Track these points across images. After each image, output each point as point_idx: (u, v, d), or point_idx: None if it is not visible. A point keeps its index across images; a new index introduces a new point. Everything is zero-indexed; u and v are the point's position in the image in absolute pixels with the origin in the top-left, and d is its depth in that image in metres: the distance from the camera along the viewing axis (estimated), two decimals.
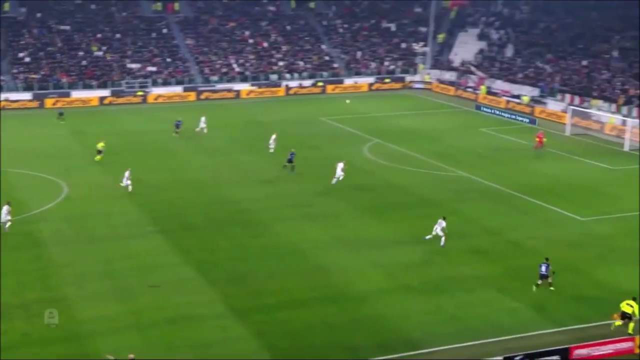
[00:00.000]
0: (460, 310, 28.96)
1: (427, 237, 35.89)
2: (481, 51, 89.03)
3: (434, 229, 35.72)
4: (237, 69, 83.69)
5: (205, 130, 59.09)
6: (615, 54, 72.81)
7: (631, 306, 27.67)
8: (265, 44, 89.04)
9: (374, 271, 32.69)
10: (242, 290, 30.64)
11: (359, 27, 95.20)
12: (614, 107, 64.29)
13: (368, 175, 48.50)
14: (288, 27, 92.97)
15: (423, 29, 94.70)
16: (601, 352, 25.41)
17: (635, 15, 76.47)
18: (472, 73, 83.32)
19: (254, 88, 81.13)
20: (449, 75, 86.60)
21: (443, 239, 35.23)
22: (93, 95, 74.89)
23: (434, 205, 41.84)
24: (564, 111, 66.25)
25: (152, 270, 32.34)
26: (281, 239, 36.51)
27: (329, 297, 30.15)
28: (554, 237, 36.77)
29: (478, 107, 73.40)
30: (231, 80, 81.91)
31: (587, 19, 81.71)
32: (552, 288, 30.85)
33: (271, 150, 52.71)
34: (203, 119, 60.02)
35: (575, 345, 25.50)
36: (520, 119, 67.78)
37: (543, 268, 31.17)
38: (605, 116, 62.73)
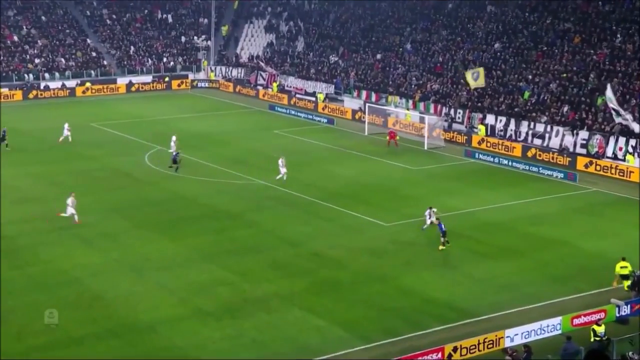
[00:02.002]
0: (262, 333, 29.10)
1: (424, 227, 38.89)
2: (270, 45, 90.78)
3: (427, 219, 38.59)
4: None
5: (70, 139, 57.19)
6: (408, 46, 77.38)
7: (626, 267, 31.87)
8: (16, 38, 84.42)
9: (162, 296, 32.02)
10: (3, 331, 28.68)
11: (130, 18, 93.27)
12: (411, 103, 68.23)
13: (151, 187, 47.61)
14: (43, 18, 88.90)
15: (204, 21, 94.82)
16: None
17: (425, 6, 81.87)
18: (262, 69, 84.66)
19: None
20: (237, 72, 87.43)
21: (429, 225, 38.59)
22: None
23: (228, 217, 41.89)
24: (361, 109, 69.32)
25: None
26: (50, 267, 34.76)
27: (111, 331, 29.09)
28: (358, 245, 38.08)
29: (272, 107, 74.74)
30: None
31: (378, 9, 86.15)
32: (444, 247, 36.94)
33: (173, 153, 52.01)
34: (66, 125, 57.67)
35: None
36: (318, 118, 69.88)
37: (443, 226, 36.83)
38: (403, 113, 66.41)
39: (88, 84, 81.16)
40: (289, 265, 35.57)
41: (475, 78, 62.60)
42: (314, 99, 75.30)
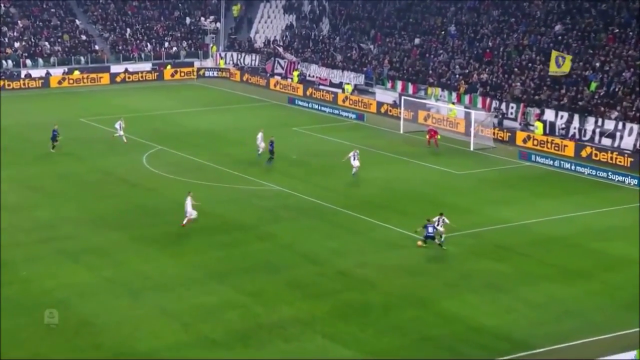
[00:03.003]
0: None
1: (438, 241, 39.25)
2: (290, 27, 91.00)
3: (437, 224, 38.99)
4: None
5: (124, 139, 57.63)
6: (452, 29, 77.18)
7: None
8: None
9: (162, 321, 32.06)
10: None
11: None
12: (455, 95, 68.00)
13: (149, 193, 47.84)
14: None
15: None
16: None
17: None
18: (280, 56, 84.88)
19: None
20: (251, 60, 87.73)
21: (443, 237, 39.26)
22: None
23: (239, 229, 41.96)
24: (396, 102, 69.19)
25: None
26: (32, 286, 34.89)
27: None
28: (391, 262, 37.97)
29: (291, 101, 74.95)
30: None
31: None
32: (444, 248, 38.69)
33: (260, 151, 54.75)
34: (120, 122, 58.16)
35: None
36: (345, 114, 69.93)
37: (430, 229, 38.46)
38: (445, 107, 66.22)
39: (76, 73, 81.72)
40: (310, 285, 35.51)
41: (559, 65, 62.58)
42: (336, 90, 75.45)
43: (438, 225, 39.30)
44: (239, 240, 40.59)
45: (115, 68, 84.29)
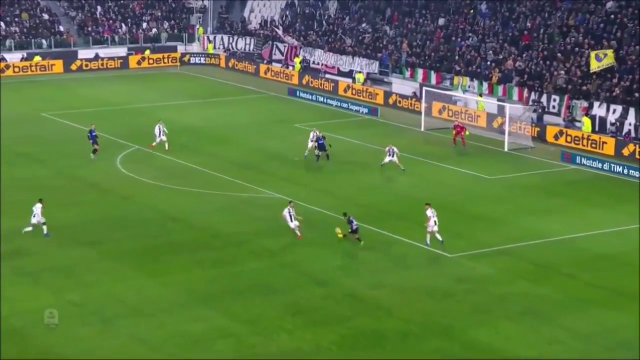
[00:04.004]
0: None
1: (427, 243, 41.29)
2: (291, 5, 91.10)
3: (430, 226, 40.85)
4: None
5: (167, 146, 56.80)
6: (482, 7, 77.20)
7: None
8: None
9: (141, 353, 32.05)
10: None
11: None
12: (486, 86, 68.03)
13: (125, 201, 47.96)
14: None
15: None
16: None
17: None
18: (279, 39, 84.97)
19: None
20: (244, 44, 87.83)
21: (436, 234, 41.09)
22: None
23: (232, 244, 42.04)
24: (416, 94, 69.24)
25: None
26: None
27: None
28: (410, 283, 37.96)
29: (292, 92, 75.07)
30: None
31: None
32: (362, 243, 41.25)
33: (307, 152, 55.97)
34: (160, 126, 57.40)
35: None
36: (355, 108, 70.07)
37: (354, 222, 41.31)
38: (474, 100, 66.24)
39: (37, 59, 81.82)
40: (314, 310, 35.55)
41: (599, 59, 62.58)
42: (337, 78, 75.53)
43: (433, 224, 40.51)
44: (230, 257, 40.62)
45: (83, 53, 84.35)
